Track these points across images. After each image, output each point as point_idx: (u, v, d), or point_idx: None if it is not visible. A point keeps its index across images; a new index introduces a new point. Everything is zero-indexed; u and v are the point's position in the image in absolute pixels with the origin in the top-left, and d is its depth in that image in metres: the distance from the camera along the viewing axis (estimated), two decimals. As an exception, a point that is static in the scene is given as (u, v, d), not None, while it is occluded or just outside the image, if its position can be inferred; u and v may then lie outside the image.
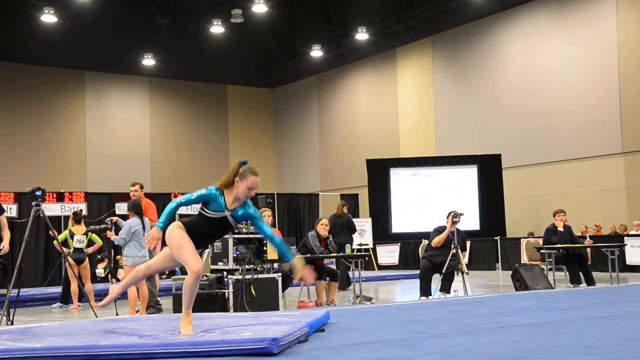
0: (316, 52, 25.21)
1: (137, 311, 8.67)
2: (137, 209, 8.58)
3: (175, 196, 17.13)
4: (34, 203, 8.25)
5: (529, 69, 20.29)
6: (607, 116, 18.30)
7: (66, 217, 14.30)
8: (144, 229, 8.49)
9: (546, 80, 19.80)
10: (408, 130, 23.74)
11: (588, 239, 12.27)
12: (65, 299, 10.83)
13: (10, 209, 14.74)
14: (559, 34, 19.69)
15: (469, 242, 15.97)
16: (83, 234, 10.67)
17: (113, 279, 13.41)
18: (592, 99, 18.69)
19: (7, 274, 13.06)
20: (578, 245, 10.76)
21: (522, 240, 16.10)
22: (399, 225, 19.95)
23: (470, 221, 18.05)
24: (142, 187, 9.48)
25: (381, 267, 18.59)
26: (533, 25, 20.32)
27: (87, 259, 10.75)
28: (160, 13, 23.08)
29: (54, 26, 22.20)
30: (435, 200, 19.20)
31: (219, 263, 8.14)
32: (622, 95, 18.08)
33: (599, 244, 12.07)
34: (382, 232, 19.59)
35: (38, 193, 8.24)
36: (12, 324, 7.64)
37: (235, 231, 8.08)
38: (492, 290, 11.72)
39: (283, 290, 8.10)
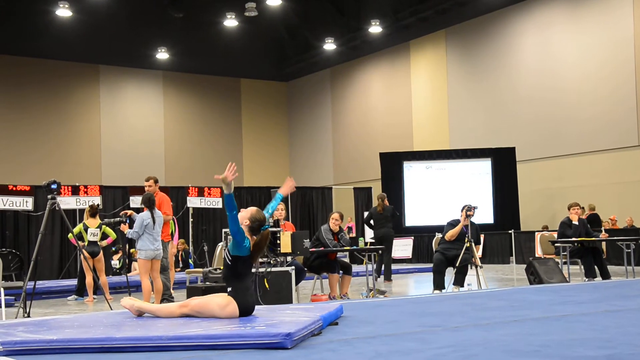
0: (329, 46, 25.16)
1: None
2: (148, 203, 8.62)
3: (189, 190, 17.21)
4: (49, 196, 8.30)
5: (543, 61, 20.14)
6: (623, 108, 18.14)
7: (81, 210, 14.40)
8: (154, 222, 8.53)
9: (561, 72, 19.65)
10: (421, 124, 23.67)
11: (603, 232, 12.19)
12: (81, 291, 10.92)
13: (26, 202, 14.86)
14: (573, 25, 19.52)
15: (483, 235, 15.92)
16: (97, 227, 10.75)
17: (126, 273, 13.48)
18: (607, 91, 18.53)
19: (24, 267, 13.21)
20: (593, 238, 10.69)
21: (536, 233, 16.02)
22: (412, 218, 19.91)
23: (484, 214, 17.98)
24: (156, 182, 9.51)
25: (394, 261, 18.55)
26: (547, 17, 20.16)
27: (101, 252, 10.83)
28: (174, 7, 23.12)
29: (69, 20, 22.31)
30: (448, 194, 19.15)
31: (232, 256, 8.16)
32: (637, 87, 17.91)
33: (615, 238, 11.99)
34: (396, 226, 19.53)
35: (54, 186, 8.29)
36: (28, 316, 7.72)
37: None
38: (506, 283, 11.69)
39: (296, 284, 8.11)
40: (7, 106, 23.71)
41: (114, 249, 14.65)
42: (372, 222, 12.94)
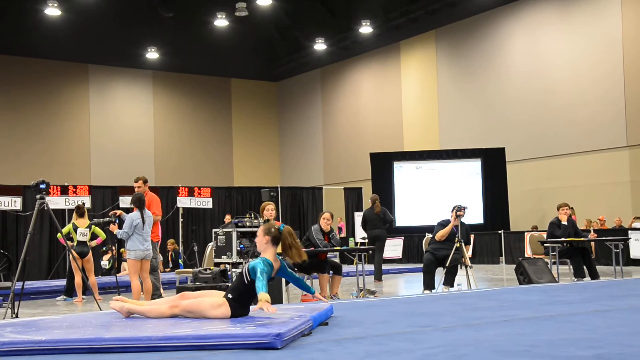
0: (320, 46, 25.16)
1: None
2: (138, 203, 8.58)
3: (179, 190, 17.18)
4: (38, 196, 8.25)
5: (533, 62, 20.22)
6: (612, 109, 18.25)
7: (70, 210, 14.33)
8: (144, 222, 8.49)
9: (550, 73, 19.74)
10: (412, 124, 23.71)
11: (592, 232, 12.25)
12: (70, 291, 10.86)
13: (15, 201, 14.77)
14: (563, 27, 19.62)
15: (473, 235, 15.98)
16: (86, 227, 10.70)
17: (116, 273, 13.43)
18: (596, 92, 18.63)
19: (12, 267, 13.13)
20: (582, 239, 10.74)
21: (526, 233, 16.08)
22: (402, 218, 19.94)
23: (474, 215, 18.03)
24: (145, 182, 9.47)
25: (385, 261, 18.55)
26: (537, 19, 20.24)
27: (90, 252, 10.78)
28: (164, 6, 23.05)
29: (58, 19, 22.20)
30: (439, 194, 19.19)
31: (222, 256, 8.15)
32: (626, 88, 18.02)
33: (603, 238, 12.06)
34: (390, 227, 19.57)
35: (42, 186, 8.24)
36: (16, 316, 7.67)
37: (239, 223, 8.09)
38: (495, 283, 11.72)
39: (286, 284, 8.10)
40: (-5, 105, 23.57)
41: (104, 248, 14.60)
42: (367, 223, 13.14)
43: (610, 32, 18.41)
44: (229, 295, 4.93)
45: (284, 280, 7.85)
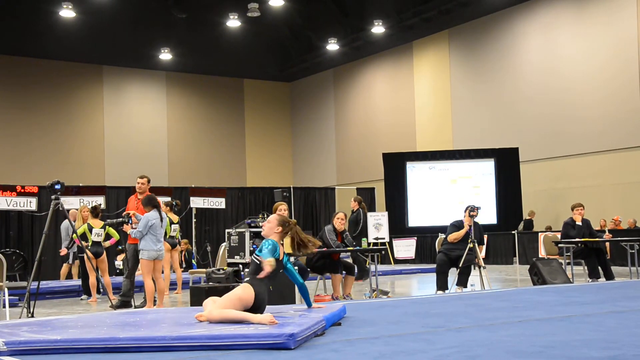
0: (332, 46, 25.16)
1: (155, 304, 8.73)
2: (153, 203, 8.61)
3: (193, 190, 17.22)
4: (53, 197, 8.31)
5: (547, 62, 20.11)
6: (627, 109, 18.10)
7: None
8: (161, 221, 8.52)
9: (565, 73, 19.62)
10: (425, 124, 23.65)
11: (607, 233, 12.17)
12: (88, 290, 10.95)
13: (30, 202, 14.88)
14: (578, 25, 19.49)
15: (486, 236, 15.91)
16: (101, 228, 10.77)
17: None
18: (611, 91, 18.50)
19: (27, 267, 13.23)
20: (597, 239, 10.68)
21: (540, 234, 16.00)
22: (415, 219, 19.90)
23: (488, 215, 17.96)
24: (149, 181, 9.49)
25: (397, 261, 18.57)
26: (552, 17, 20.12)
27: (104, 253, 10.85)
28: (177, 7, 23.14)
29: (72, 21, 22.33)
30: (452, 194, 19.13)
31: (235, 257, 8.18)
32: (642, 87, 17.87)
33: (618, 238, 11.98)
34: (399, 226, 19.55)
35: (57, 187, 8.30)
36: (32, 316, 7.73)
37: (252, 223, 8.12)
38: (509, 284, 11.67)
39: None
40: (11, 106, 23.75)
41: (119, 247, 14.66)
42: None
43: (625, 31, 18.26)
44: (247, 279, 5.10)
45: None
